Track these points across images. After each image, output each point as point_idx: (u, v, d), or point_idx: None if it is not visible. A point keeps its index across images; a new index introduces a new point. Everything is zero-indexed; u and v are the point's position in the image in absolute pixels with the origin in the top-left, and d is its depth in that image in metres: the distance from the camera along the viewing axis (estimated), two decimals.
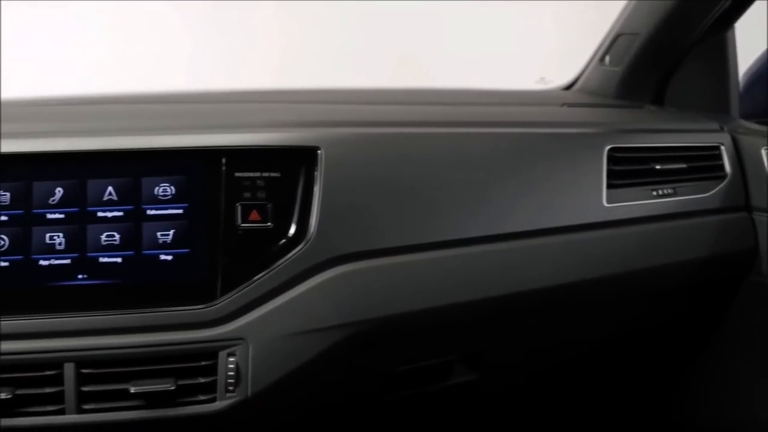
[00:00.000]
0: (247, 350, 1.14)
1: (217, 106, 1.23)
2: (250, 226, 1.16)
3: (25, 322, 1.15)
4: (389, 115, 1.17)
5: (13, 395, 1.11)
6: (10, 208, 1.17)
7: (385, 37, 2.15)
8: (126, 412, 1.13)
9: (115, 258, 1.17)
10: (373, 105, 1.36)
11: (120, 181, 1.17)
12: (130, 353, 1.14)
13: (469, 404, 1.47)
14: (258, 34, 2.26)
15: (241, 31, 2.24)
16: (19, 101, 1.52)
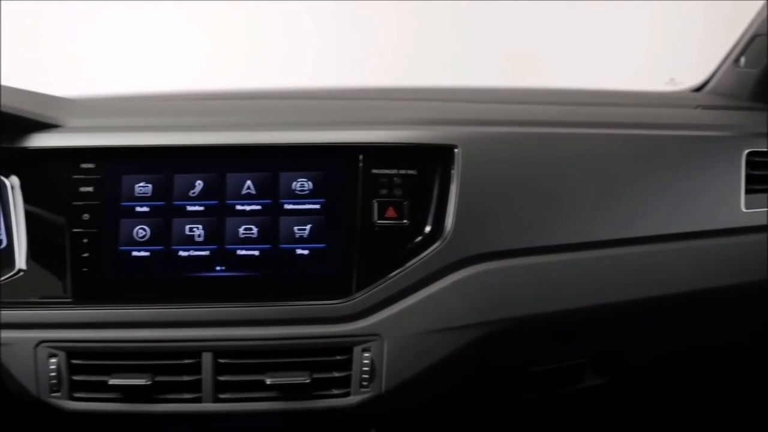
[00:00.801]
0: (382, 346, 1.15)
1: (353, 103, 1.25)
2: (386, 223, 1.18)
3: (165, 311, 1.18)
4: (524, 114, 1.18)
5: (152, 382, 1.14)
6: (152, 200, 1.21)
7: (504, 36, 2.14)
8: (261, 403, 1.16)
9: (252, 251, 1.20)
10: (507, 104, 1.36)
11: (258, 175, 1.20)
12: (267, 345, 1.17)
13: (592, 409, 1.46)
14: (372, 33, 2.27)
15: (355, 30, 2.26)
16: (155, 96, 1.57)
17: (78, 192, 1.10)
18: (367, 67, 2.15)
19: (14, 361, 1.18)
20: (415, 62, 2.10)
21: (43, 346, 1.09)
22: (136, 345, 1.07)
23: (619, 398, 1.43)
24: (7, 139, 1.23)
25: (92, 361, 1.07)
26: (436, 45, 2.20)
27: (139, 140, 1.10)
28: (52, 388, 1.08)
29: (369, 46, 2.19)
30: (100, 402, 1.06)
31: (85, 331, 1.08)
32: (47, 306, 1.11)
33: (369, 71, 2.16)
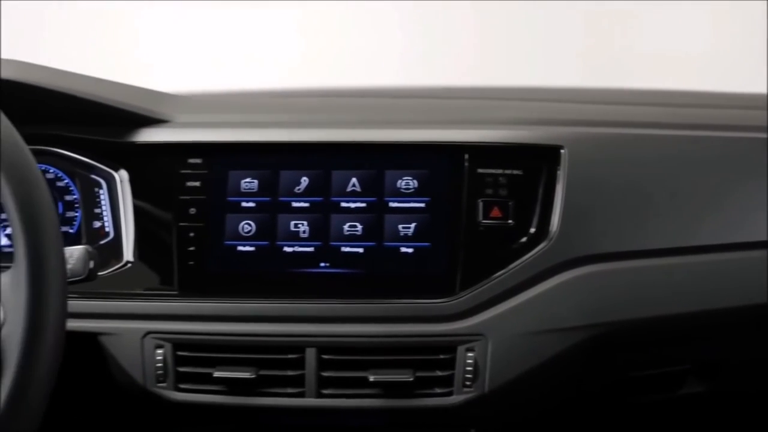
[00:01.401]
0: (486, 346, 1.16)
1: (458, 102, 1.25)
2: (491, 223, 1.19)
3: (270, 305, 1.20)
4: (629, 115, 1.17)
5: (256, 375, 1.16)
6: (258, 195, 1.23)
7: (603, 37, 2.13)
8: (363, 400, 1.18)
9: (357, 248, 1.21)
10: (611, 105, 1.36)
11: (364, 172, 1.22)
12: (370, 342, 1.18)
13: (689, 417, 1.45)
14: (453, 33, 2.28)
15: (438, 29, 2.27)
16: (257, 93, 1.59)
17: (185, 186, 1.12)
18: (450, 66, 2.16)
19: (122, 351, 1.21)
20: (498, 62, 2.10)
21: (150, 337, 1.11)
22: (240, 339, 1.09)
23: (716, 405, 1.41)
24: (118, 133, 1.26)
25: (197, 353, 1.09)
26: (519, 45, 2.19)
27: (246, 136, 1.12)
28: (158, 379, 1.10)
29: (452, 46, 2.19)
30: (204, 394, 1.08)
31: (190, 323, 1.10)
32: (154, 298, 1.13)
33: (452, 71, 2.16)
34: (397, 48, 2.31)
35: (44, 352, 0.84)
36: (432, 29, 2.32)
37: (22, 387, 0.83)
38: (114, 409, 1.28)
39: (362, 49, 2.28)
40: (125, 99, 1.25)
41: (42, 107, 1.01)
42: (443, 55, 2.30)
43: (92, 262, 1.02)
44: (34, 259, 0.85)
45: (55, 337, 0.85)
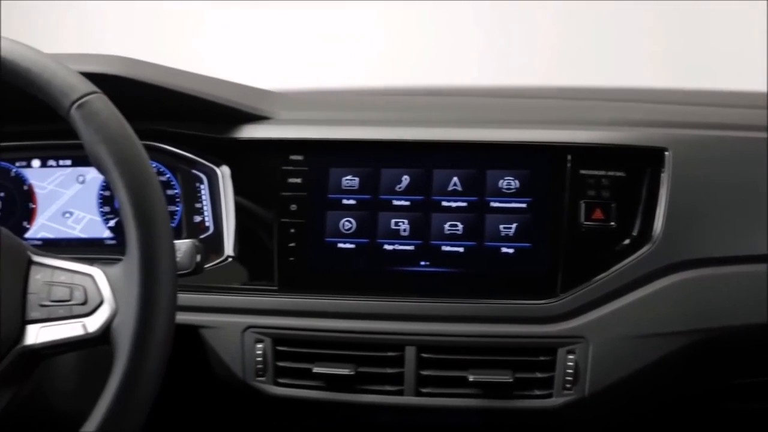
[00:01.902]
0: (587, 349, 1.16)
1: (557, 102, 1.25)
2: (593, 225, 1.19)
3: (369, 303, 1.22)
4: (733, 117, 1.16)
5: (355, 372, 1.17)
6: (359, 193, 1.24)
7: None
8: (462, 399, 1.18)
9: (457, 247, 1.22)
10: (714, 107, 1.35)
11: (465, 172, 1.23)
12: (470, 342, 1.19)
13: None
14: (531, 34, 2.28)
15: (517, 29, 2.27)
16: (352, 90, 1.60)
17: (286, 183, 1.14)
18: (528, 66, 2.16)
19: (222, 344, 1.23)
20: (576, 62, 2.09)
21: (250, 332, 1.12)
22: (340, 335, 1.10)
23: None
24: (220, 130, 1.28)
25: (297, 348, 1.10)
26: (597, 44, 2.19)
27: (348, 134, 1.13)
28: (258, 373, 1.11)
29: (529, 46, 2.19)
30: (303, 389, 1.09)
31: (290, 318, 1.12)
32: (254, 292, 1.15)
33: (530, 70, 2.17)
34: (475, 47, 2.31)
35: (155, 343, 0.86)
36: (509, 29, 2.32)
37: (133, 376, 0.86)
38: (213, 401, 1.30)
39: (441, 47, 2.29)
40: (228, 96, 1.27)
41: (147, 103, 1.04)
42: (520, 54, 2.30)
43: (199, 256, 1.04)
44: (146, 252, 0.87)
45: (166, 329, 0.87)
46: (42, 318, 0.93)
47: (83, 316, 0.93)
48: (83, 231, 1.39)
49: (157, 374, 0.88)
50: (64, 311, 0.92)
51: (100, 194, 1.38)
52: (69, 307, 0.92)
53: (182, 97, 1.23)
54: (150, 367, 0.88)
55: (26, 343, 0.93)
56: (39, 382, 1.01)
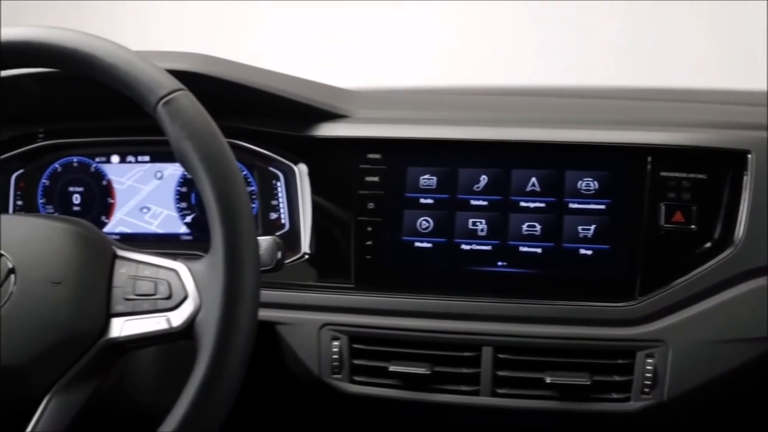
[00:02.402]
0: (666, 353, 1.15)
1: (634, 103, 1.24)
2: (673, 228, 1.18)
3: (446, 302, 1.22)
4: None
5: (431, 371, 1.18)
6: (436, 192, 1.24)
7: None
8: (538, 401, 1.18)
9: (535, 248, 1.22)
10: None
11: (543, 172, 1.22)
12: (547, 343, 1.19)
13: None
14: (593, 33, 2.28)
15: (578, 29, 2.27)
16: (430, 90, 1.61)
17: (364, 181, 1.15)
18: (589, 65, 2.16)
19: (299, 341, 1.24)
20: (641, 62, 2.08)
21: (326, 329, 1.13)
22: (416, 334, 1.11)
23: None
24: (298, 127, 1.30)
25: (373, 346, 1.11)
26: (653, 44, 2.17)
27: (426, 133, 1.14)
28: (334, 370, 1.12)
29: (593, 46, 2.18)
30: (378, 387, 1.10)
31: (367, 317, 1.13)
32: (331, 290, 1.16)
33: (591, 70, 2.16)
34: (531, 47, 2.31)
35: (238, 339, 0.88)
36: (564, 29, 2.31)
37: (217, 371, 0.87)
38: (287, 398, 1.31)
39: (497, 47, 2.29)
40: (307, 94, 1.28)
41: (226, 100, 1.06)
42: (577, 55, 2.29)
43: (279, 253, 1.05)
44: (231, 248, 0.89)
45: (249, 325, 0.88)
46: (127, 311, 0.95)
47: (167, 310, 0.95)
48: (160, 226, 1.41)
49: (239, 370, 0.90)
50: (149, 305, 0.94)
51: (178, 190, 1.40)
52: (153, 301, 0.94)
53: (262, 94, 1.24)
54: (233, 362, 0.89)
55: (111, 336, 0.95)
56: (120, 375, 1.02)
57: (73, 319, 0.88)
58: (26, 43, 0.94)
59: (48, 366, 0.94)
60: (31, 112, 1.39)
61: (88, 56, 0.92)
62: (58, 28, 0.94)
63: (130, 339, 0.90)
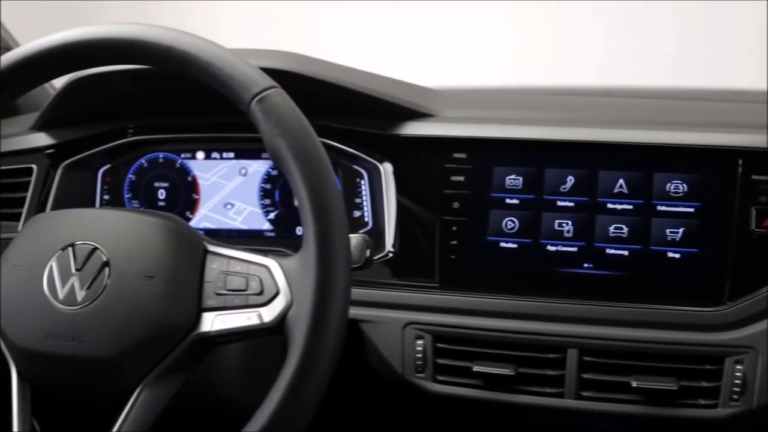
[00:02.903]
0: (756, 360, 1.15)
1: (724, 105, 1.22)
2: (764, 232, 1.16)
3: (531, 303, 1.22)
4: None
5: (515, 372, 1.18)
6: (522, 193, 1.24)
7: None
8: (623, 405, 1.18)
9: (622, 251, 1.22)
10: None
11: (631, 174, 1.22)
12: (633, 347, 1.18)
13: None
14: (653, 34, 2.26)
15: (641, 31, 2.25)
16: (511, 89, 1.61)
17: (449, 181, 1.15)
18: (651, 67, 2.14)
19: (382, 339, 1.25)
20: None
21: (410, 328, 1.14)
22: (500, 335, 1.11)
23: None
24: (384, 126, 1.30)
25: (457, 346, 1.12)
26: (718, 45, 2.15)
27: (513, 133, 1.14)
28: (417, 369, 1.13)
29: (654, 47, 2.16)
30: (461, 387, 1.11)
31: (451, 316, 1.13)
32: (415, 289, 1.16)
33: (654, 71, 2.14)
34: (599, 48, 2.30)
35: (329, 336, 0.89)
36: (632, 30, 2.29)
37: (307, 368, 0.88)
38: (368, 396, 1.32)
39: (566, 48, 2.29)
40: (393, 92, 1.29)
41: (313, 99, 1.06)
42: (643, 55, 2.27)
43: (368, 251, 1.06)
44: (323, 245, 0.90)
45: (340, 322, 0.89)
46: (218, 306, 0.97)
47: (259, 306, 0.97)
48: (243, 222, 1.43)
49: (329, 368, 0.91)
50: (240, 300, 0.96)
51: (262, 187, 1.42)
52: (245, 296, 0.96)
53: (350, 93, 1.26)
54: (323, 360, 0.90)
55: (202, 330, 0.98)
56: (207, 369, 1.04)
57: (166, 312, 0.90)
58: (123, 41, 0.96)
59: (140, 359, 0.94)
60: (120, 108, 1.42)
61: (183, 54, 0.94)
62: (152, 25, 0.96)
63: (221, 333, 0.92)
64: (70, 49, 0.99)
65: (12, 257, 0.92)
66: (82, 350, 0.88)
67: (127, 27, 0.97)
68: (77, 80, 1.32)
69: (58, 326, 0.90)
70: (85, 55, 1.00)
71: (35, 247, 0.93)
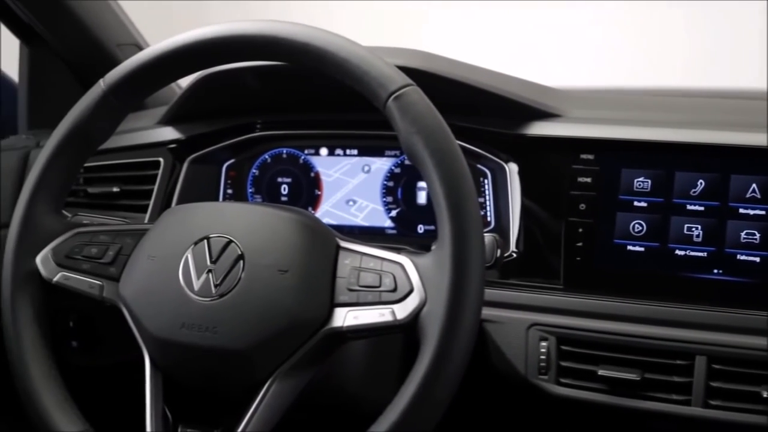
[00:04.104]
0: None
1: None
2: None
3: (658, 308, 1.22)
4: None
5: (641, 378, 1.16)
6: (651, 195, 1.23)
7: None
8: (753, 416, 1.17)
9: (753, 257, 1.21)
10: None
11: (765, 179, 1.19)
12: (765, 356, 1.13)
13: None
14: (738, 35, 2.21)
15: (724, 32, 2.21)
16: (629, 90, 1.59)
17: (576, 182, 1.14)
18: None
19: (506, 340, 1.25)
20: None
21: (534, 329, 1.14)
22: (626, 339, 1.10)
23: None
24: (510, 125, 1.31)
25: (581, 349, 1.11)
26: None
27: (641, 134, 1.13)
28: (540, 371, 1.12)
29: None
30: (585, 390, 1.10)
31: (575, 318, 1.13)
32: (539, 290, 1.16)
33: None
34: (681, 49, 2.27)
35: (463, 335, 0.90)
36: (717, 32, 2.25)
37: (439, 367, 0.89)
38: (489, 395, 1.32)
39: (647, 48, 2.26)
40: (520, 92, 1.29)
41: (440, 97, 1.07)
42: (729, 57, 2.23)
43: (498, 251, 1.06)
44: (459, 244, 0.91)
45: (473, 322, 0.90)
46: (350, 302, 1.00)
47: (392, 303, 0.99)
48: (365, 219, 1.46)
49: (461, 368, 0.92)
50: (373, 297, 0.98)
51: (384, 184, 1.44)
52: (378, 293, 0.98)
53: (478, 92, 1.27)
54: (456, 360, 0.92)
55: (334, 325, 1.00)
56: (334, 365, 1.06)
57: (299, 307, 0.93)
58: (259, 37, 0.99)
59: (272, 352, 0.94)
60: (245, 104, 1.46)
61: (320, 50, 0.96)
62: (288, 22, 0.99)
63: (352, 329, 0.94)
64: (209, 46, 1.03)
65: (147, 248, 0.97)
66: (216, 341, 0.91)
67: (264, 24, 1.00)
68: (206, 77, 1.36)
69: (193, 317, 0.92)
70: (222, 52, 1.03)
71: (171, 239, 0.97)
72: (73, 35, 1.49)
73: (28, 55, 1.53)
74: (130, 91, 0.95)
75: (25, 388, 0.91)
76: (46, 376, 0.93)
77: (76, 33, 1.48)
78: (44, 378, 0.93)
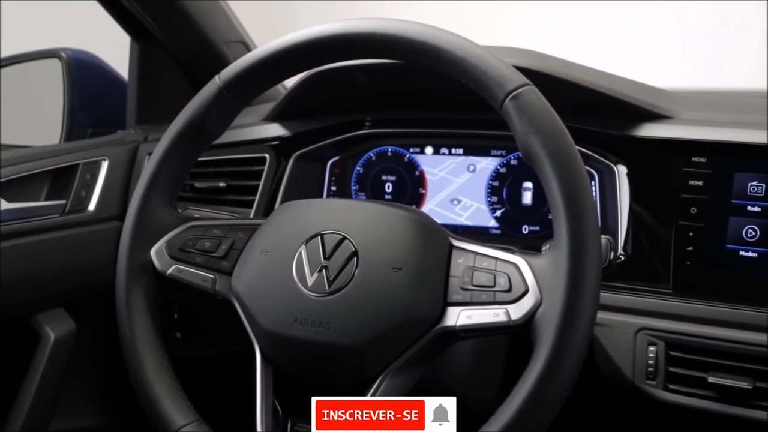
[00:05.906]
0: None
1: None
2: None
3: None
4: None
5: (753, 387, 1.15)
6: (765, 200, 1.19)
7: None
8: None
9: None
10: None
11: None
12: None
13: None
14: None
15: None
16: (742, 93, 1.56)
17: (687, 185, 1.13)
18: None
19: (613, 343, 1.23)
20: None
21: (642, 333, 1.13)
22: (738, 346, 1.09)
23: None
24: (620, 127, 1.30)
25: (691, 355, 1.10)
26: None
27: (756, 137, 1.10)
28: (648, 376, 1.11)
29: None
30: (694, 398, 1.10)
31: (685, 324, 1.12)
32: (647, 294, 1.15)
33: None
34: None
35: (578, 338, 0.89)
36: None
37: (554, 368, 0.89)
38: (594, 399, 1.32)
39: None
40: (630, 93, 1.28)
41: (554, 97, 1.06)
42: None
43: (612, 253, 1.05)
44: (576, 245, 0.91)
45: (589, 324, 0.90)
46: (464, 301, 1.00)
47: (506, 303, 0.98)
48: (469, 219, 1.47)
49: (575, 371, 0.92)
50: (487, 297, 0.98)
51: (489, 184, 1.45)
52: (492, 293, 0.98)
53: (589, 93, 1.26)
54: (570, 362, 0.92)
55: (446, 324, 1.00)
56: (441, 363, 1.07)
57: (412, 304, 0.92)
58: (377, 35, 1.01)
59: (384, 349, 0.93)
60: (351, 102, 1.48)
61: (437, 49, 0.97)
62: (405, 21, 1.00)
63: (465, 328, 0.93)
64: (325, 43, 1.05)
65: (260, 243, 0.98)
66: (329, 337, 0.91)
67: (381, 22, 1.01)
68: (315, 74, 1.39)
69: (306, 312, 0.93)
70: (339, 49, 1.05)
71: (283, 234, 0.98)
72: (183, 33, 1.53)
73: (139, 52, 1.57)
74: (244, 88, 0.97)
75: (140, 379, 0.94)
76: (159, 367, 0.96)
77: (186, 31, 1.52)
78: (157, 369, 0.95)
